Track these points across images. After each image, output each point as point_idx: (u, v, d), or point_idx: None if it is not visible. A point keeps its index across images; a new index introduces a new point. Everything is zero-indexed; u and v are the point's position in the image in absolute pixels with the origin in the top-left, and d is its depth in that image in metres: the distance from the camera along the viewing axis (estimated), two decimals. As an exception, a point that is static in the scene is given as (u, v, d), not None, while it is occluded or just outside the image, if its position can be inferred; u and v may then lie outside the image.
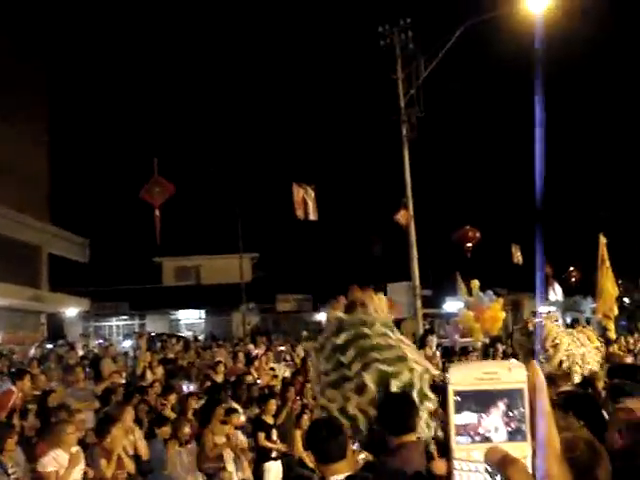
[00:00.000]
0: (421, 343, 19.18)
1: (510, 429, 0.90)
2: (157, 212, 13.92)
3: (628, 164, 39.50)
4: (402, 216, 21.24)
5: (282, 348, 16.81)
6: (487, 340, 20.81)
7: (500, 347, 18.28)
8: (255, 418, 10.69)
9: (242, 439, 9.85)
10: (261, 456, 10.09)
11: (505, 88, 35.78)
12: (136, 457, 8.29)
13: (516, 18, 19.65)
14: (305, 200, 17.13)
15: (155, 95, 42.76)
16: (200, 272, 41.95)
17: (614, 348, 14.95)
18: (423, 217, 23.09)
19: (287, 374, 14.48)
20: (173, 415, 10.15)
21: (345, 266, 35.45)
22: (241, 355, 16.37)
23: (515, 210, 38.79)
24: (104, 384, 12.07)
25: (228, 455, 9.19)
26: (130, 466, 7.86)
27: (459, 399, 0.88)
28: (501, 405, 0.90)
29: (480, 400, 0.89)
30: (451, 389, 0.89)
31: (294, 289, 38.36)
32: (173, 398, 10.98)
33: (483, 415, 0.90)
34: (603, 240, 18.11)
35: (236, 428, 9.85)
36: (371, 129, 24.85)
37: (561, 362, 8.61)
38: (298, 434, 10.65)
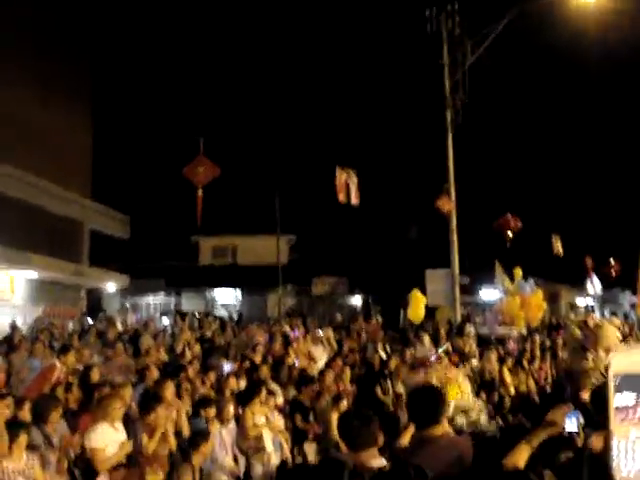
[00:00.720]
0: (459, 331, 19.11)
1: None
2: (200, 192, 13.93)
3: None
4: (443, 202, 21.09)
5: (320, 333, 16.80)
6: (524, 331, 20.64)
7: (538, 338, 18.07)
8: (293, 400, 10.75)
9: (280, 420, 9.90)
10: (298, 437, 10.13)
11: (552, 75, 35.24)
12: (177, 434, 8.38)
13: (567, 4, 19.34)
14: (348, 184, 17.04)
15: (205, 76, 42.90)
16: (237, 252, 42.17)
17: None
18: (464, 204, 22.91)
19: (325, 358, 14.50)
20: (212, 394, 10.24)
21: (383, 251, 35.41)
22: (279, 336, 16.43)
23: (557, 200, 38.45)
24: (145, 360, 12.19)
25: (267, 435, 9.25)
26: (172, 443, 7.95)
27: (619, 381, 0.93)
28: None
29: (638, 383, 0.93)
30: (611, 372, 0.95)
31: (330, 272, 38.38)
32: (212, 376, 11.07)
33: None
34: (644, 235, 17.85)
35: (275, 409, 9.92)
36: (416, 114, 24.65)
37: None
38: (334, 418, 10.67)
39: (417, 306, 19.85)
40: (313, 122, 40.21)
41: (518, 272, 21.54)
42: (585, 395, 6.49)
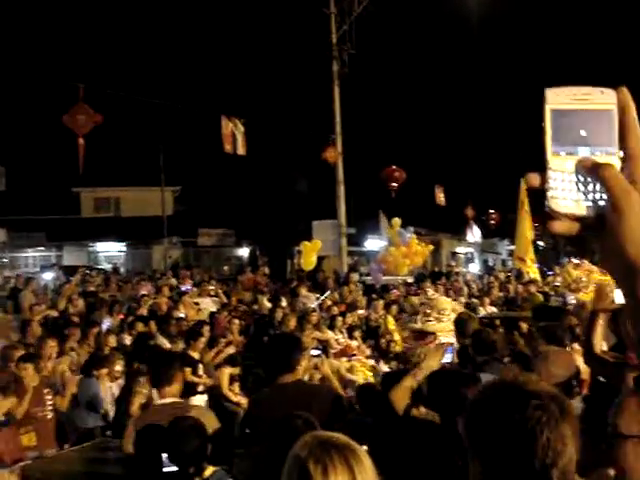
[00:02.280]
0: (345, 280, 19.42)
1: (601, 145, 0.98)
2: (81, 140, 13.40)
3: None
4: (330, 153, 21.17)
5: (211, 287, 16.69)
6: (409, 279, 21.17)
7: (427, 284, 18.58)
8: (182, 353, 10.62)
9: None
10: (188, 390, 10.04)
11: (438, 26, 35.68)
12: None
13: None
14: (234, 134, 16.83)
15: (83, 21, 40.98)
16: (120, 204, 41.13)
17: (534, 289, 15.41)
18: (350, 155, 23.07)
19: (213, 309, 14.42)
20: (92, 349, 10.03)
21: (270, 202, 35.31)
22: (165, 289, 16.19)
23: (440, 152, 39.31)
24: (27, 316, 11.77)
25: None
26: (57, 404, 7.70)
27: (554, 117, 0.94)
28: (594, 123, 0.99)
29: (574, 118, 0.94)
30: (547, 107, 0.95)
31: (217, 224, 38.01)
32: (94, 332, 10.82)
33: (576, 132, 0.98)
34: (524, 185, 18.44)
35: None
36: (302, 64, 24.44)
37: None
38: (224, 370, 10.66)
39: (309, 254, 19.96)
40: (198, 71, 39.37)
41: (396, 222, 21.91)
42: None
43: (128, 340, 11.07)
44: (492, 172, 39.17)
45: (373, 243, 31.65)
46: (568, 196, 0.98)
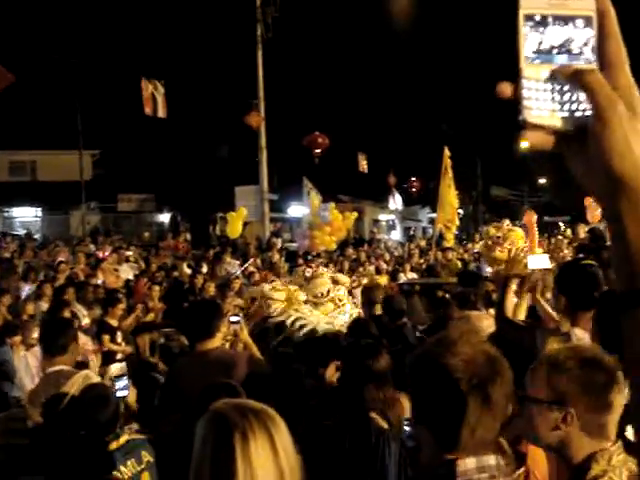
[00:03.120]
0: (267, 246, 19.40)
1: (578, 53, 0.93)
2: (-8, 101, 12.89)
3: (472, 77, 40.76)
4: (252, 118, 20.97)
5: (129, 253, 16.41)
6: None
7: (350, 251, 18.72)
8: (100, 320, 10.44)
9: (87, 341, 9.59)
10: (106, 358, 9.89)
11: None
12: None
13: None
14: (154, 96, 16.47)
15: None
16: (36, 168, 39.90)
17: (453, 255, 15.69)
18: (273, 121, 22.91)
19: (131, 276, 14.21)
20: (8, 317, 9.76)
21: (192, 167, 34.85)
22: (82, 256, 15.85)
23: (363, 119, 39.43)
24: None
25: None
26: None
27: (528, 23, 0.89)
28: (571, 30, 0.93)
29: (549, 24, 0.92)
30: (521, 13, 0.89)
31: (137, 189, 37.31)
32: (7, 300, 10.53)
33: (552, 39, 0.93)
34: (447, 152, 18.68)
35: (80, 330, 9.58)
36: (226, 26, 24.04)
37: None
38: (144, 337, 10.54)
39: (236, 222, 19.80)
40: (117, 30, 38.25)
41: (315, 202, 21.75)
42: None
43: (45, 307, 10.81)
44: (414, 140, 39.59)
45: (296, 209, 31.67)
46: (543, 106, 0.92)
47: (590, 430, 2.13)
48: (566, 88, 0.91)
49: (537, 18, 0.91)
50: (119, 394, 4.33)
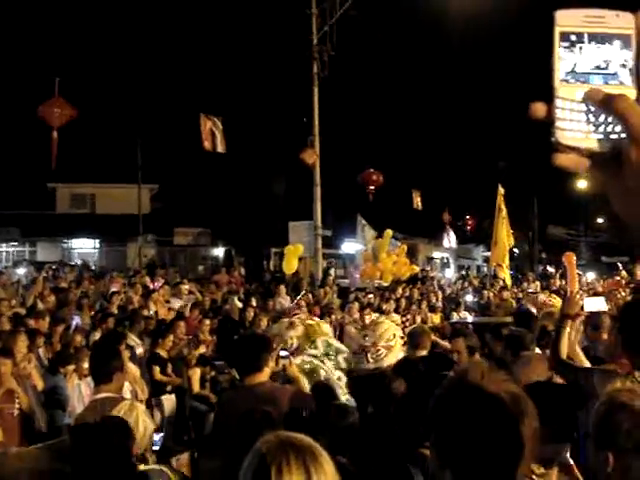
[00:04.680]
0: (321, 283, 19.39)
1: (614, 73, 0.89)
2: (55, 134, 13.25)
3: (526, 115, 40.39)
4: (308, 155, 21.12)
5: (186, 287, 16.59)
6: (384, 283, 21.19)
7: (400, 289, 18.63)
8: (151, 352, 10.53)
9: (136, 371, 9.68)
10: (156, 389, 9.96)
11: (419, 32, 35.76)
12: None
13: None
14: (213, 132, 16.73)
15: (61, 13, 40.53)
16: (96, 201, 40.82)
17: (507, 295, 15.47)
18: (328, 158, 23.03)
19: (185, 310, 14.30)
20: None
21: (247, 202, 35.20)
22: (138, 287, 16.05)
23: (418, 156, 39.40)
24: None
25: (126, 387, 9.01)
26: (23, 400, 7.57)
27: (564, 41, 0.85)
28: (607, 50, 0.88)
29: (585, 43, 0.88)
30: (557, 30, 0.85)
31: (193, 223, 37.84)
32: (60, 329, 10.68)
33: (588, 58, 0.88)
34: (501, 191, 18.59)
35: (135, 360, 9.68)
36: (282, 64, 24.37)
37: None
38: (195, 370, 10.60)
39: (291, 258, 19.92)
40: (177, 67, 39.12)
41: (389, 232, 22.11)
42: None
43: (98, 336, 10.93)
44: (469, 178, 39.36)
45: (349, 246, 31.66)
46: (577, 127, 0.88)
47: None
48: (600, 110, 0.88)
49: (573, 37, 0.88)
50: (154, 448, 4.36)
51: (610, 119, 0.87)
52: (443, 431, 1.80)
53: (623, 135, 0.86)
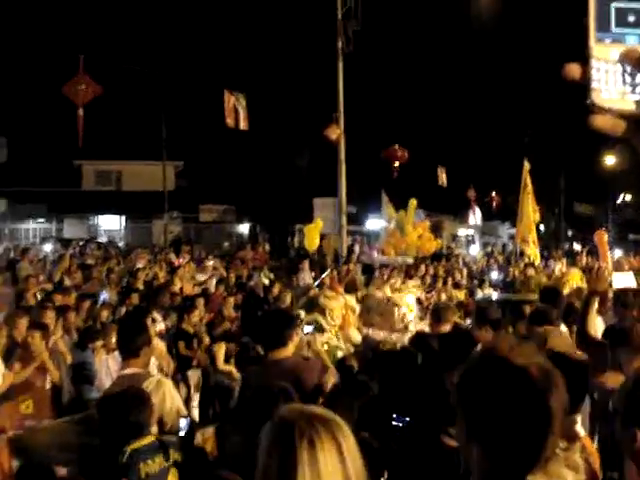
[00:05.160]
0: (346, 259, 19.38)
1: None
2: (80, 111, 13.30)
3: (554, 89, 39.97)
4: (332, 131, 21.03)
5: (211, 263, 16.67)
6: (409, 260, 21.13)
7: (423, 266, 18.57)
8: (177, 327, 10.61)
9: (162, 347, 9.76)
10: (182, 364, 10.05)
11: (443, 7, 35.38)
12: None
13: None
14: (236, 108, 16.71)
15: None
16: (122, 177, 41.03)
17: (532, 272, 15.32)
18: (352, 133, 22.92)
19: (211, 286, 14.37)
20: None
21: (272, 178, 35.20)
22: (163, 264, 16.16)
23: (443, 132, 39.11)
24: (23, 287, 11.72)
25: (152, 362, 9.10)
26: (54, 374, 7.69)
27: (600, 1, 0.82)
28: None
29: (622, 3, 0.84)
30: None
31: (218, 199, 37.92)
32: (86, 305, 10.79)
33: (623, 18, 0.85)
34: (527, 166, 18.42)
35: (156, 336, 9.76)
36: (307, 40, 24.24)
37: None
38: (220, 345, 10.65)
39: (313, 235, 19.92)
40: (201, 44, 39.04)
41: (413, 202, 21.93)
42: None
43: (123, 311, 11.04)
44: (494, 154, 39.01)
45: (374, 222, 31.58)
46: (613, 89, 0.86)
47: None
48: (635, 69, 0.85)
49: None
50: (180, 433, 4.40)
51: None
52: (471, 405, 1.78)
53: None
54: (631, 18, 0.86)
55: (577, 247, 36.54)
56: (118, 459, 3.90)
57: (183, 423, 4.42)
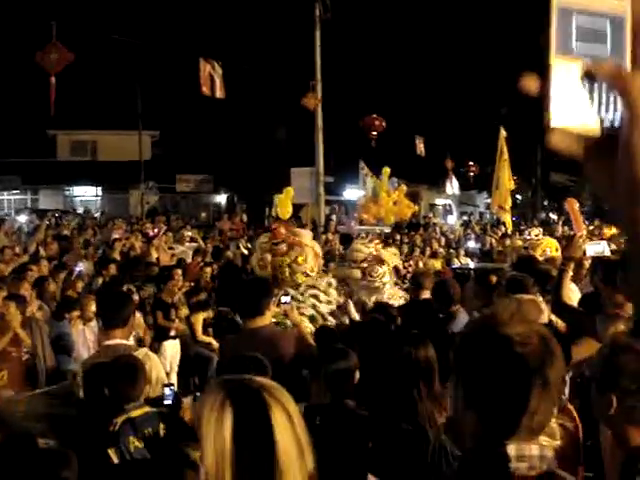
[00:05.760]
0: (324, 229, 19.37)
1: (611, 51, 0.83)
2: (53, 80, 13.08)
3: (530, 59, 39.88)
4: (309, 99, 20.90)
5: (189, 233, 16.61)
6: (385, 229, 21.16)
7: (398, 235, 18.63)
8: (154, 297, 10.58)
9: (139, 317, 9.72)
10: (159, 335, 10.03)
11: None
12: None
13: None
14: (212, 77, 16.51)
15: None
16: (97, 147, 40.66)
17: (509, 242, 15.41)
18: (330, 102, 22.79)
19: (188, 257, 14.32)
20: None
21: (249, 148, 34.99)
22: (139, 234, 16.06)
23: (420, 102, 39.00)
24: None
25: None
26: (27, 342, 7.66)
27: (562, 14, 0.79)
28: (604, 26, 0.83)
29: (584, 18, 0.82)
30: (555, 2, 0.81)
31: (194, 169, 37.68)
32: (62, 276, 10.73)
33: (586, 34, 0.83)
34: (503, 133, 18.53)
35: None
36: (284, 7, 23.97)
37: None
38: (198, 315, 10.64)
39: (285, 203, 19.81)
40: (176, 11, 38.52)
41: (387, 171, 21.87)
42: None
43: (100, 282, 10.99)
44: (473, 124, 39.01)
45: (352, 192, 31.56)
46: (572, 107, 0.82)
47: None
48: (597, 87, 0.81)
49: (571, 10, 0.81)
50: (165, 402, 4.35)
51: (606, 99, 0.82)
52: (469, 372, 1.79)
53: (618, 116, 0.81)
54: (592, 34, 0.83)
55: (553, 217, 36.78)
56: (106, 428, 3.88)
57: (168, 392, 4.40)
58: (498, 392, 1.72)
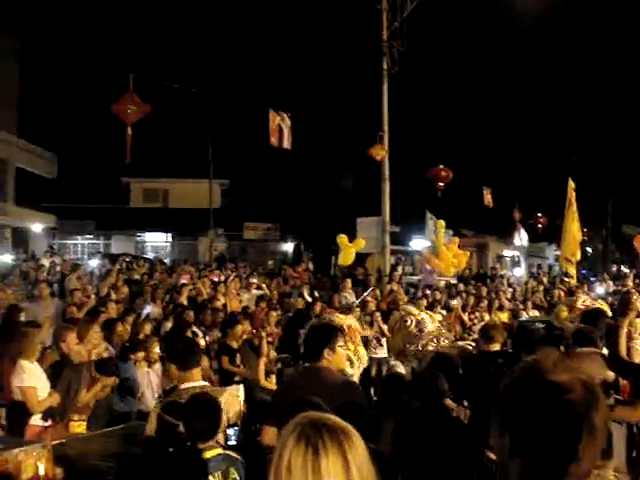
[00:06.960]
0: (389, 278, 19.35)
1: None
2: (129, 130, 13.56)
3: (601, 110, 39.47)
4: (376, 150, 21.06)
5: (254, 280, 16.84)
6: (453, 280, 21.04)
7: (462, 286, 18.49)
8: (220, 342, 10.72)
9: (205, 361, 9.87)
10: (224, 379, 10.13)
11: (489, 27, 35.29)
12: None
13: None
14: (281, 128, 16.86)
15: (136, 9, 41.45)
16: (168, 195, 41.65)
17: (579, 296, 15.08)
18: (397, 153, 22.92)
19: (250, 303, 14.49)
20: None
21: (316, 197, 35.35)
22: (207, 280, 16.34)
23: (488, 153, 38.88)
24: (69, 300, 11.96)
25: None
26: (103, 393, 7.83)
27: None
28: None
29: None
30: None
31: (262, 218, 38.23)
32: (131, 319, 10.94)
33: None
34: (572, 184, 18.32)
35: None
36: (352, 60, 24.39)
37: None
38: (261, 361, 10.71)
39: (346, 251, 19.93)
40: (247, 63, 39.57)
41: (442, 224, 21.75)
42: None
43: (169, 326, 11.19)
44: (541, 174, 38.63)
45: (418, 243, 31.48)
46: None
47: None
48: None
49: None
50: (230, 443, 4.40)
51: None
52: (515, 419, 1.79)
53: None
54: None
55: (625, 270, 35.87)
56: (194, 464, 3.93)
57: (231, 432, 4.45)
58: (545, 439, 1.72)
